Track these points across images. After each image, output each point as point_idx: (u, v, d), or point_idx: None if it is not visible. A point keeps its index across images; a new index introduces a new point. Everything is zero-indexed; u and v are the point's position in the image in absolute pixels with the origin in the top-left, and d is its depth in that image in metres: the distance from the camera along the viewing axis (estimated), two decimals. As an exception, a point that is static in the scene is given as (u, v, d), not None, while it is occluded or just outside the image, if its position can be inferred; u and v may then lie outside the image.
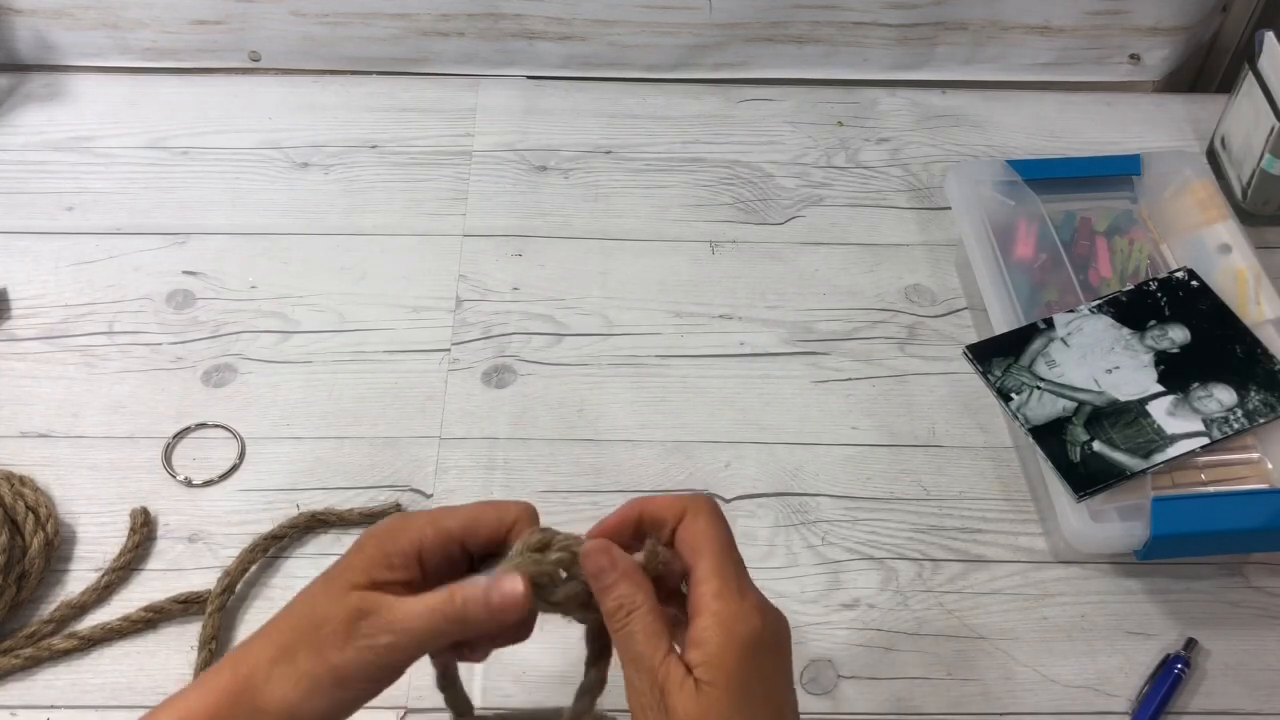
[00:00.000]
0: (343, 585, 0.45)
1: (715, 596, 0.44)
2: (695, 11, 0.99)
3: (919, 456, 0.76)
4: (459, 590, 0.45)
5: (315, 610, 0.45)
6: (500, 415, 0.77)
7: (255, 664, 0.44)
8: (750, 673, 0.44)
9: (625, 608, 0.45)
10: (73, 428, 0.75)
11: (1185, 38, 1.03)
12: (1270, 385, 0.71)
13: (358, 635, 0.44)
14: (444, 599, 0.45)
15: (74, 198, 0.90)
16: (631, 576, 0.45)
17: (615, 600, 0.45)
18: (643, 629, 0.44)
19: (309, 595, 0.46)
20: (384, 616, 0.44)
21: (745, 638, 0.44)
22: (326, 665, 0.44)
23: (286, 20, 0.99)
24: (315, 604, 0.45)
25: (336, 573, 0.46)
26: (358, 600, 0.44)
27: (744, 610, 0.44)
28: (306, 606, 0.45)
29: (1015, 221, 0.82)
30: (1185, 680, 0.65)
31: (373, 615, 0.44)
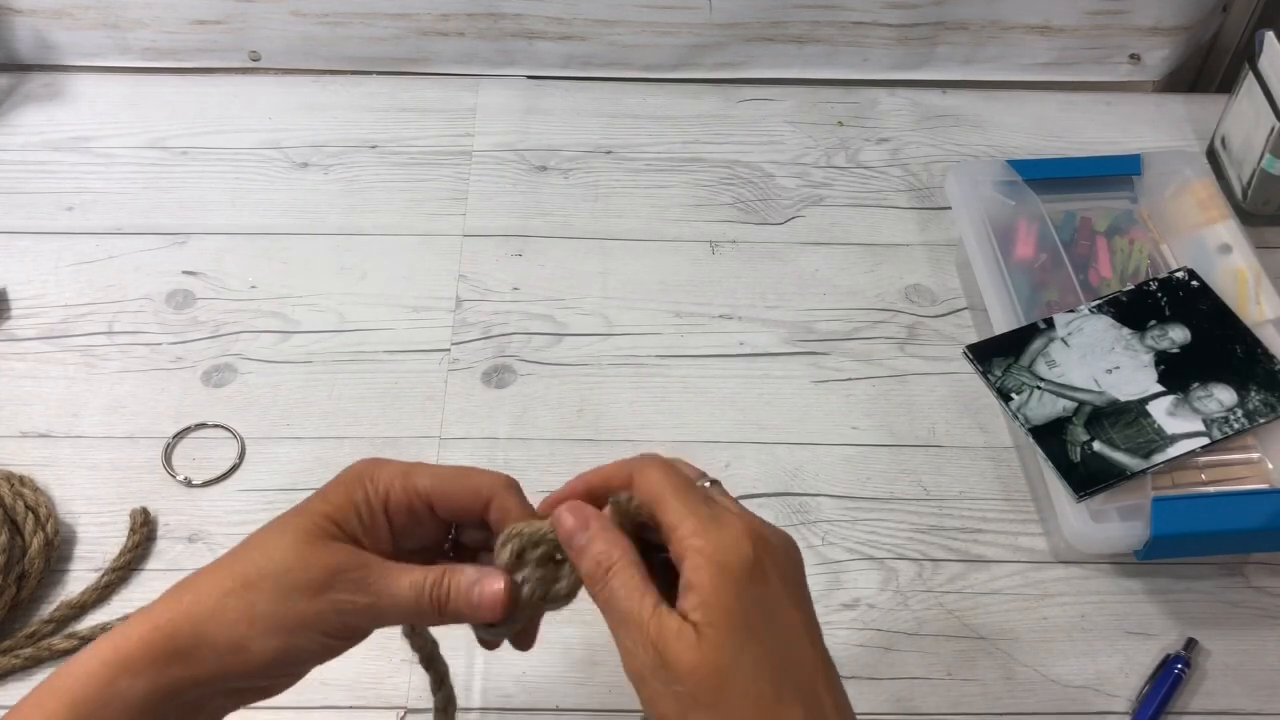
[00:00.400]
0: (315, 533, 0.43)
1: (693, 535, 0.41)
2: (695, 11, 0.99)
3: (919, 456, 0.76)
4: (449, 575, 0.44)
5: (285, 554, 0.43)
6: (500, 415, 0.77)
7: (204, 592, 0.42)
8: (750, 604, 0.40)
9: (602, 564, 0.42)
10: (73, 428, 0.75)
11: (1185, 38, 1.03)
12: (1270, 385, 0.71)
13: (334, 589, 0.42)
14: (433, 579, 0.44)
15: (74, 198, 0.90)
16: (605, 533, 0.43)
17: (592, 559, 0.42)
18: (623, 584, 0.41)
19: (274, 537, 0.44)
20: (367, 578, 0.43)
21: (736, 567, 0.40)
22: (292, 610, 0.42)
23: (286, 20, 0.99)
24: (283, 547, 0.43)
25: (304, 519, 0.44)
26: (343, 554, 0.43)
27: (726, 539, 0.41)
28: (272, 548, 0.43)
29: (1015, 221, 0.82)
30: (1185, 680, 0.65)
31: (355, 573, 0.43)
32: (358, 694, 0.63)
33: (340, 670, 0.64)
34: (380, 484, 0.45)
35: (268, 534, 0.44)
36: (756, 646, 0.40)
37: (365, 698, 0.64)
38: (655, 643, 0.40)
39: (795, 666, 0.40)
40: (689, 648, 0.39)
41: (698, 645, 0.39)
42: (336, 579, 0.43)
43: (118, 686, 0.41)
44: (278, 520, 0.45)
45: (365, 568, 0.43)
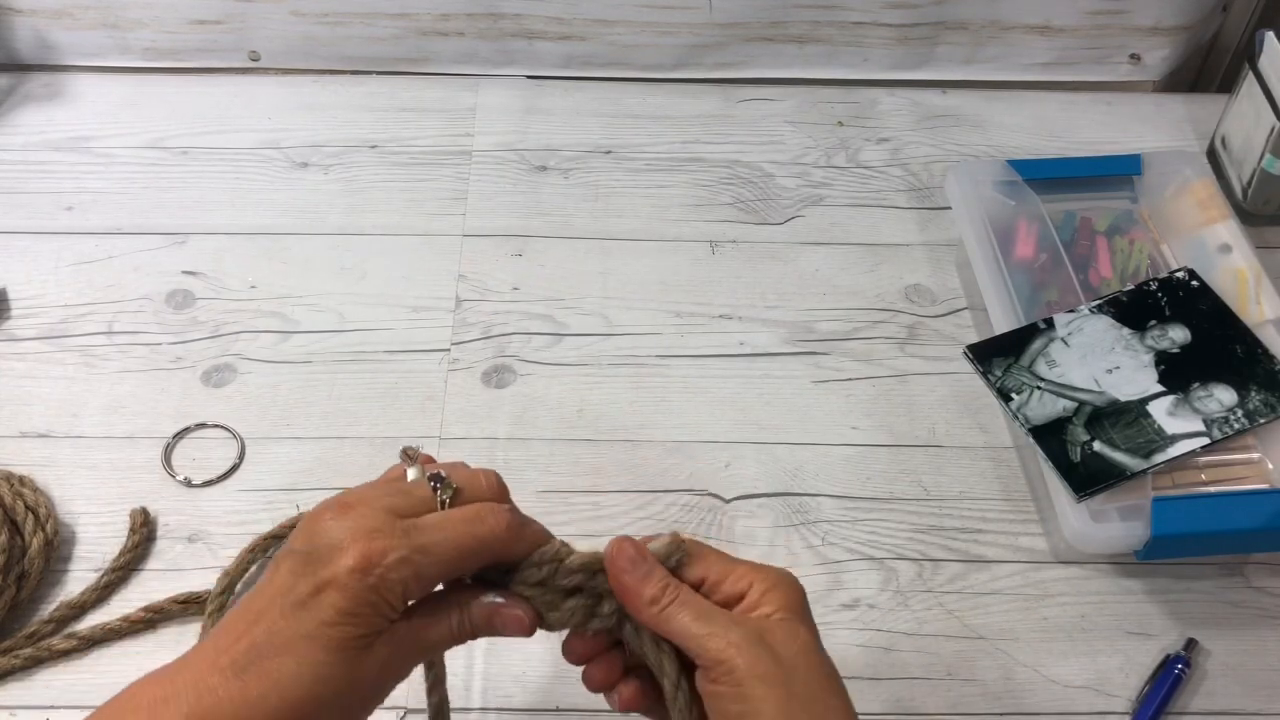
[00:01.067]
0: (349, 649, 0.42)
1: (752, 570, 0.46)
2: (695, 11, 0.99)
3: (919, 456, 0.76)
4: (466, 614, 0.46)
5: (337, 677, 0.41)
6: (500, 415, 0.77)
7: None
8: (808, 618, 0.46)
9: (671, 587, 0.45)
10: (72, 428, 0.75)
11: (1185, 38, 1.03)
12: (1270, 385, 0.71)
13: (390, 676, 0.44)
14: (456, 620, 0.46)
15: (74, 198, 0.90)
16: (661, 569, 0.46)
17: (659, 584, 0.45)
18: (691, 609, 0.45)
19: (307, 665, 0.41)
20: (407, 652, 0.44)
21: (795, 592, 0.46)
22: (361, 710, 0.44)
23: (286, 20, 0.99)
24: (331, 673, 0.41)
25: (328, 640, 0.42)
26: (384, 653, 0.43)
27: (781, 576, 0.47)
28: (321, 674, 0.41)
29: (1015, 221, 0.82)
30: (1185, 680, 0.65)
31: (397, 657, 0.44)
32: (358, 694, 0.63)
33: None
34: (399, 593, 0.43)
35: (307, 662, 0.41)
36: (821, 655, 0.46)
37: (365, 698, 0.64)
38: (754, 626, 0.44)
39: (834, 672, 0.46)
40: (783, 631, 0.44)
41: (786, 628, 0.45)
42: (388, 669, 0.44)
43: None
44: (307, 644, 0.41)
45: (402, 643, 0.44)
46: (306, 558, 0.43)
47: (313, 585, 0.42)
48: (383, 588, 0.42)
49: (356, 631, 0.42)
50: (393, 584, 0.42)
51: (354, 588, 0.42)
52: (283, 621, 0.42)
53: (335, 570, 0.42)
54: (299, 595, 0.42)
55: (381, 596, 0.42)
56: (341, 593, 0.42)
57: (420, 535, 0.44)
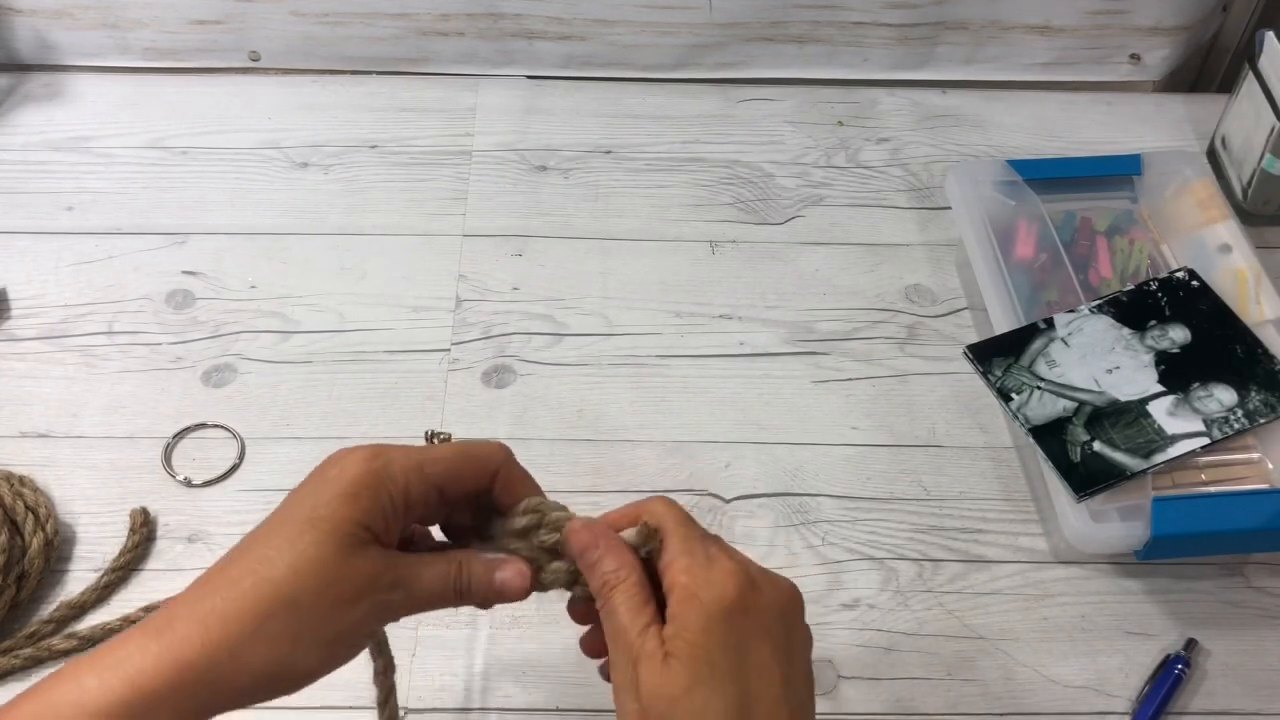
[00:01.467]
0: (351, 542, 0.42)
1: (683, 571, 0.43)
2: (695, 11, 0.99)
3: (919, 456, 0.76)
4: (466, 564, 0.45)
5: (326, 568, 0.41)
6: (500, 415, 0.77)
7: (236, 617, 0.40)
8: (719, 642, 0.42)
9: (610, 583, 0.44)
10: (72, 428, 0.75)
11: (1185, 38, 1.03)
12: (1270, 385, 0.71)
13: (373, 593, 0.43)
14: (454, 570, 0.45)
15: (74, 198, 0.90)
16: (617, 552, 0.45)
17: (600, 576, 0.44)
18: (625, 602, 0.44)
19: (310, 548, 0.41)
20: (399, 578, 0.43)
21: (712, 605, 0.42)
22: (335, 623, 0.42)
23: (286, 20, 0.99)
24: (323, 560, 0.41)
25: (337, 527, 0.42)
26: (378, 561, 0.43)
27: (712, 578, 0.43)
28: (311, 560, 0.41)
29: (1015, 221, 0.82)
30: (1185, 680, 0.65)
31: (388, 575, 0.43)
32: (357, 694, 0.63)
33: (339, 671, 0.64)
34: (400, 482, 0.44)
35: (289, 543, 0.41)
36: (716, 684, 0.41)
37: (364, 698, 0.63)
38: (635, 660, 0.42)
39: (756, 708, 0.41)
40: (654, 671, 0.41)
41: (661, 671, 0.41)
42: (374, 583, 0.43)
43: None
44: (293, 527, 0.42)
45: (396, 568, 0.44)
46: (315, 471, 0.44)
47: (320, 480, 0.43)
48: (385, 475, 0.43)
49: (352, 515, 0.42)
50: (395, 474, 0.43)
51: (358, 471, 0.43)
52: (283, 510, 0.43)
53: (343, 464, 0.43)
54: (304, 490, 0.43)
55: (384, 486, 0.43)
56: (346, 476, 0.42)
57: (424, 449, 0.45)
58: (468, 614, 0.67)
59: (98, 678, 0.39)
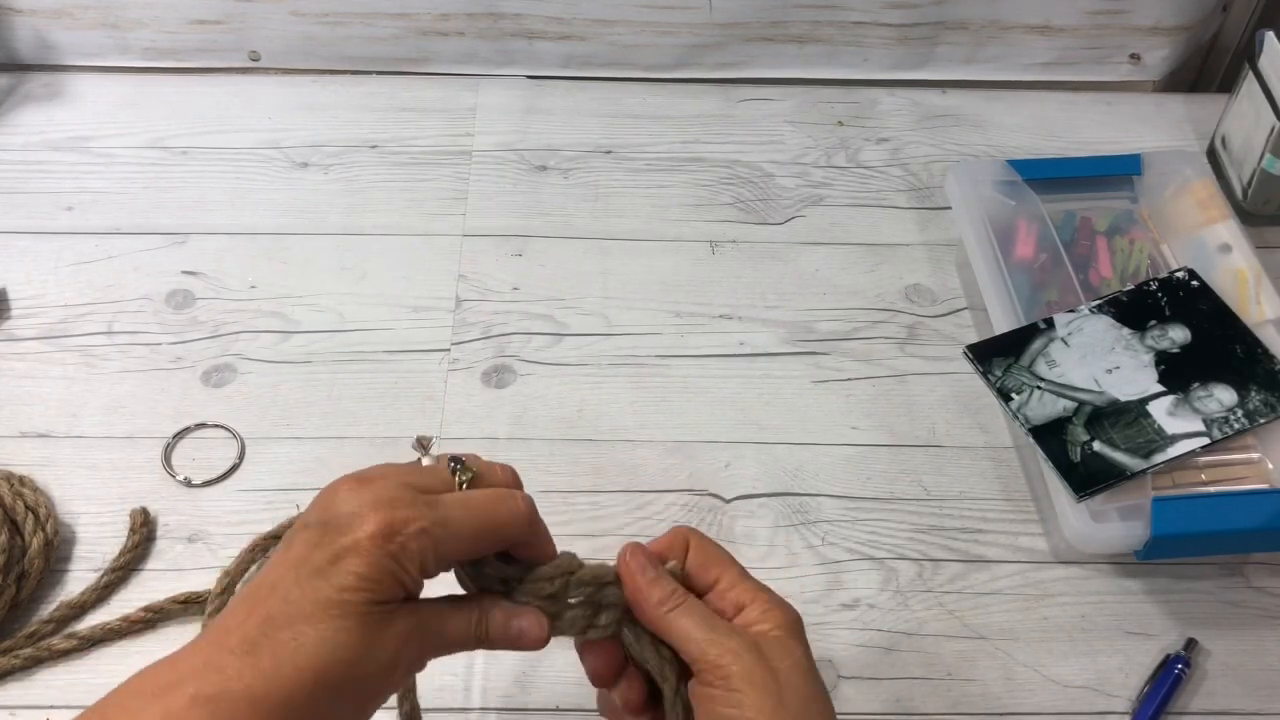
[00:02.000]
0: (373, 616, 0.42)
1: (759, 590, 0.47)
2: (695, 11, 0.99)
3: (919, 456, 0.76)
4: (485, 612, 0.46)
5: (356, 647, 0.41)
6: (500, 415, 0.77)
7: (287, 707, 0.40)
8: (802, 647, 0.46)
9: (678, 592, 0.47)
10: (72, 428, 0.75)
11: (1185, 38, 1.03)
12: (1270, 385, 0.71)
13: (406, 655, 0.43)
14: (476, 618, 0.46)
15: (74, 198, 0.90)
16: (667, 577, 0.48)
17: (667, 588, 0.47)
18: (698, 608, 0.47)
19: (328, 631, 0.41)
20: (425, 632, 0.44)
21: (791, 619, 0.47)
22: (376, 693, 0.43)
23: (286, 20, 0.99)
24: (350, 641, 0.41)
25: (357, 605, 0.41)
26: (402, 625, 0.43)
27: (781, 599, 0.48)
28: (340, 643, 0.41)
29: (1015, 221, 0.82)
30: (1185, 680, 0.65)
31: (416, 633, 0.44)
32: (358, 694, 0.63)
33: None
34: (414, 572, 0.43)
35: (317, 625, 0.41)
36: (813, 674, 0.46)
37: (365, 698, 0.64)
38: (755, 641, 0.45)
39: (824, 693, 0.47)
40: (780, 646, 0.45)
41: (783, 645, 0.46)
42: (404, 647, 0.43)
43: None
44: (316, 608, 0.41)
45: (422, 624, 0.44)
46: (324, 528, 0.43)
47: (331, 553, 0.42)
48: (403, 556, 0.42)
49: (375, 598, 0.42)
50: (412, 553, 0.42)
51: (374, 553, 0.41)
52: (298, 590, 0.41)
53: (356, 536, 0.42)
54: (317, 563, 0.42)
55: (401, 565, 0.42)
56: (362, 558, 0.41)
57: (441, 509, 0.44)
58: (468, 614, 0.67)
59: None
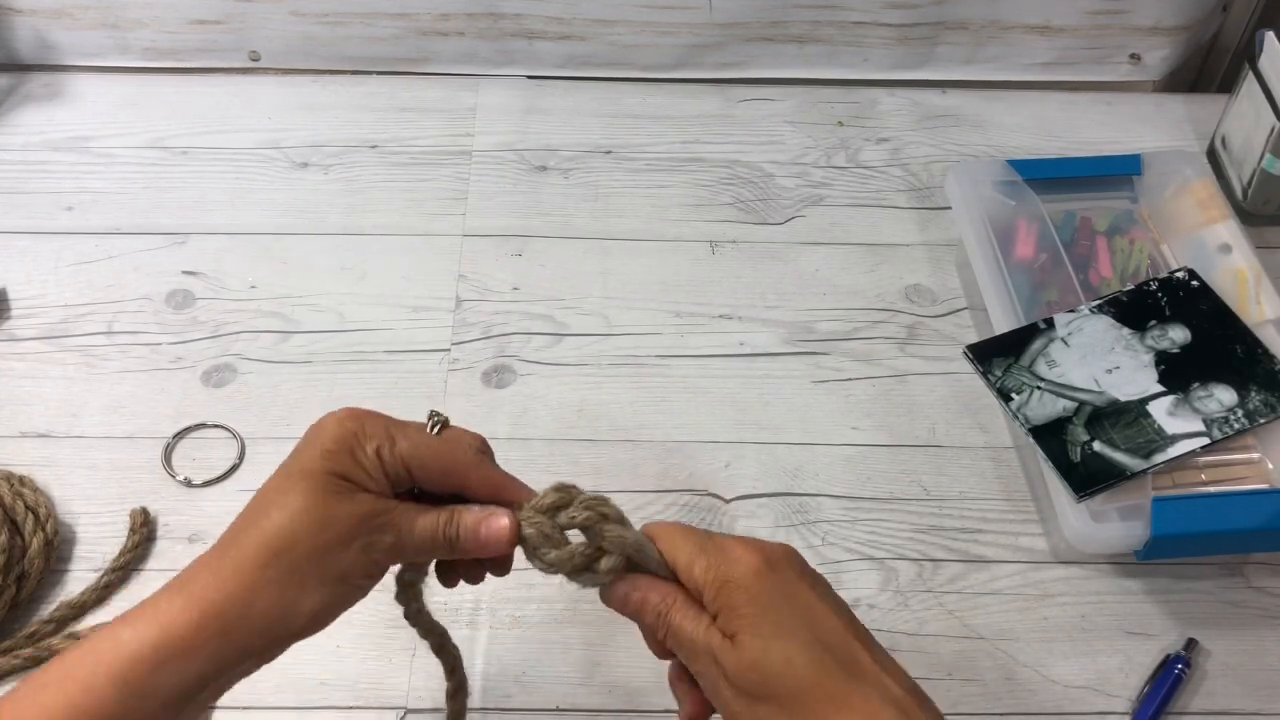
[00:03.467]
0: (332, 489, 0.45)
1: (705, 569, 0.46)
2: (695, 11, 0.99)
3: (919, 456, 0.76)
4: (457, 513, 0.47)
5: (313, 514, 0.44)
6: (500, 415, 0.77)
7: (242, 565, 0.44)
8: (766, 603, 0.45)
9: (661, 612, 0.47)
10: (72, 428, 0.75)
11: (1185, 38, 1.03)
12: (1270, 385, 0.71)
13: (364, 534, 0.45)
14: (445, 518, 0.47)
15: (74, 198, 0.90)
16: (652, 585, 0.47)
17: (653, 609, 0.47)
18: (681, 617, 0.46)
19: (294, 499, 0.45)
20: (389, 520, 0.46)
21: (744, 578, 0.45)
22: (332, 563, 0.44)
23: (286, 20, 0.99)
24: (308, 508, 0.44)
25: (315, 478, 0.45)
26: (365, 503, 0.45)
27: (733, 558, 0.46)
28: (297, 510, 0.44)
29: (1015, 221, 0.82)
30: (1185, 680, 0.65)
31: (379, 518, 0.46)
32: (358, 694, 0.63)
33: (340, 670, 0.64)
34: (369, 449, 0.46)
35: (281, 497, 0.45)
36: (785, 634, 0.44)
37: (365, 698, 0.64)
38: (713, 657, 0.45)
39: (823, 633, 0.45)
40: (729, 653, 0.44)
41: (734, 650, 0.44)
42: (363, 525, 0.45)
43: (169, 669, 0.42)
44: (283, 483, 0.46)
45: (386, 511, 0.46)
46: (304, 435, 0.48)
47: (301, 444, 0.47)
48: (361, 434, 0.46)
49: (330, 468, 0.45)
50: (369, 434, 0.46)
51: (334, 428, 0.46)
52: (269, 479, 0.46)
53: (325, 421, 0.47)
54: (292, 451, 0.47)
55: (358, 441, 0.46)
56: (322, 434, 0.46)
57: (402, 424, 0.48)
58: (468, 613, 0.67)
59: (130, 628, 0.43)
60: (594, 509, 0.47)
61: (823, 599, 0.46)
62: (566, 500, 0.48)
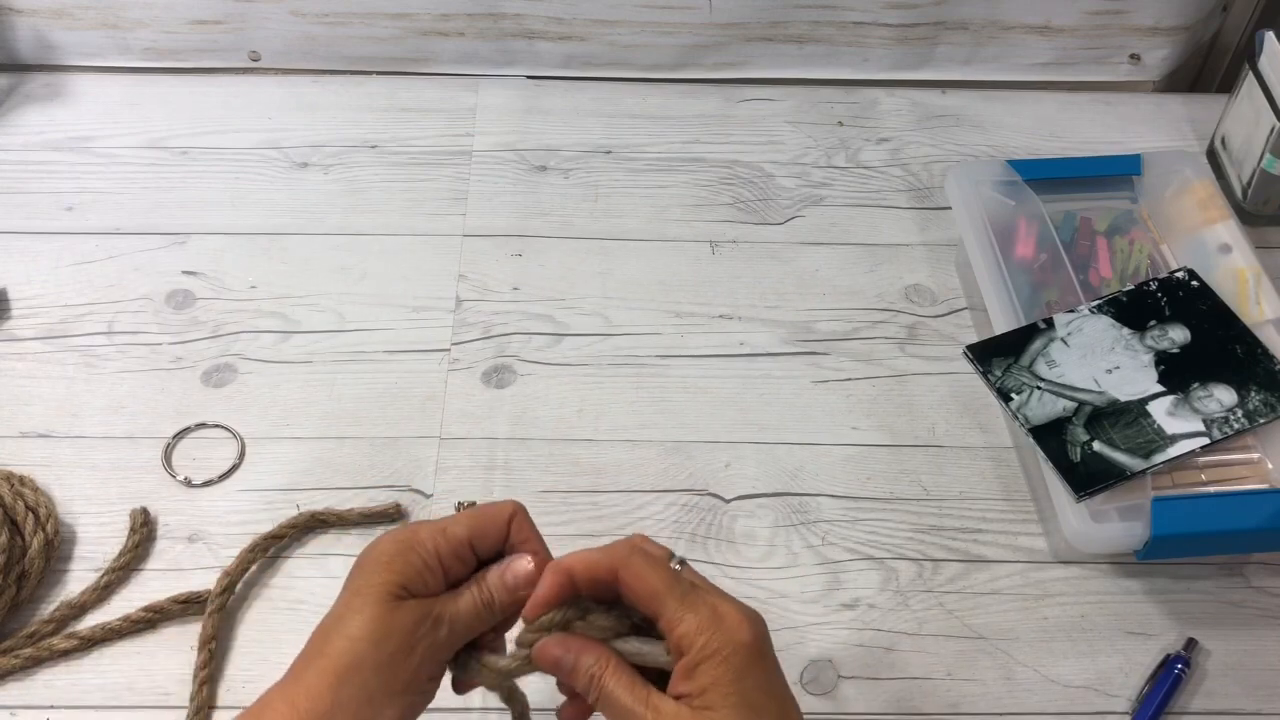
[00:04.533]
0: (389, 601, 0.47)
1: (698, 632, 0.45)
2: (695, 11, 0.99)
3: (919, 456, 0.76)
4: (483, 579, 0.50)
5: (371, 628, 0.46)
6: (500, 415, 0.77)
7: (314, 691, 0.45)
8: (751, 686, 0.45)
9: (595, 674, 0.47)
10: (73, 428, 0.75)
11: (1185, 38, 1.03)
12: (1270, 385, 0.71)
13: (421, 638, 0.47)
14: (477, 587, 0.49)
15: (74, 198, 0.90)
16: (586, 648, 0.47)
17: (585, 675, 0.47)
18: (616, 682, 0.46)
19: (353, 618, 0.46)
20: (439, 615, 0.48)
21: (737, 656, 0.45)
22: (398, 674, 0.46)
23: (286, 20, 0.99)
24: (365, 624, 0.46)
25: (374, 591, 0.47)
26: (415, 609, 0.47)
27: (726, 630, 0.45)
28: (356, 628, 0.46)
29: (1015, 221, 0.82)
30: (1185, 680, 0.65)
31: (430, 617, 0.48)
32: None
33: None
34: (428, 546, 0.49)
35: (347, 615, 0.47)
36: None
37: (365, 698, 0.64)
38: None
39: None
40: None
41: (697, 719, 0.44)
42: (420, 627, 0.47)
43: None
44: (349, 602, 0.48)
45: (434, 608, 0.48)
46: (357, 558, 0.50)
47: (358, 563, 0.49)
48: (413, 542, 0.48)
49: (389, 580, 0.47)
50: (422, 540, 0.48)
51: (388, 545, 0.48)
52: (338, 598, 0.48)
53: (378, 543, 0.49)
54: (349, 576, 0.49)
55: (415, 552, 0.48)
56: (378, 551, 0.48)
57: (449, 516, 0.51)
58: (468, 614, 0.67)
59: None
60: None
61: (787, 691, 0.47)
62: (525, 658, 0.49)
